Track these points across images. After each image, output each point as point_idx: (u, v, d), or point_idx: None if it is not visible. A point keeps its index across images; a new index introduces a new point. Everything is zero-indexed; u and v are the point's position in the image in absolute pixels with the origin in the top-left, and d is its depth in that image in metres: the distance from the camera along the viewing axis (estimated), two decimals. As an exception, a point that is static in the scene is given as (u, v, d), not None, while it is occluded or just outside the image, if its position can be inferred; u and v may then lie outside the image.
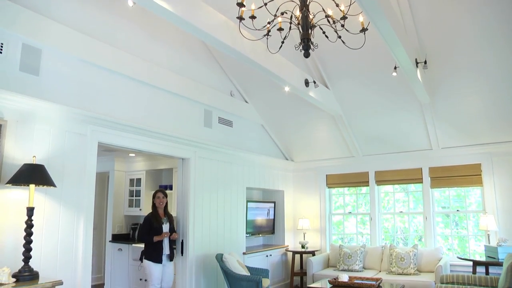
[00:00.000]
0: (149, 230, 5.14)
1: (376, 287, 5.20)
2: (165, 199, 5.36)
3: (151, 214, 5.30)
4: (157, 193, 5.39)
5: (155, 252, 5.10)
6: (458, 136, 6.37)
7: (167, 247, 5.23)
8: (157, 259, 5.08)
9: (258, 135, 7.41)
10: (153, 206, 5.36)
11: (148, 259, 5.08)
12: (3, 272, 3.09)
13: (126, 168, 7.58)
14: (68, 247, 3.93)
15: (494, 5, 4.46)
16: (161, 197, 5.33)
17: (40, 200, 3.69)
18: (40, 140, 3.78)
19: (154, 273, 5.06)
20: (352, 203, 7.82)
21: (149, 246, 5.14)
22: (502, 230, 6.10)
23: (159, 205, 5.33)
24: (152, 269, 5.06)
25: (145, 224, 5.21)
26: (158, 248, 5.11)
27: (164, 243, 5.19)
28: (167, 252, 5.21)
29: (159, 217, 5.26)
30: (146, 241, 5.14)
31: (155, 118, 5.19)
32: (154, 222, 5.18)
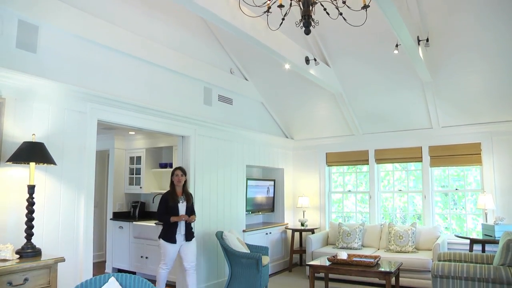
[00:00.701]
0: (165, 209, 5.00)
1: (375, 265, 5.26)
2: (183, 177, 5.15)
3: (168, 192, 5.14)
4: (175, 170, 5.17)
5: (169, 232, 4.98)
6: (459, 115, 6.35)
7: (183, 227, 5.06)
8: (170, 239, 4.96)
9: (258, 113, 7.38)
10: (171, 184, 5.17)
11: (163, 238, 5.00)
12: (7, 249, 3.13)
13: (126, 146, 7.58)
14: (69, 224, 3.97)
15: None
16: (180, 174, 5.12)
17: (41, 178, 3.70)
18: (39, 118, 3.76)
19: (167, 253, 4.97)
20: (352, 182, 7.85)
21: (165, 225, 5.05)
22: (499, 209, 6.15)
23: (177, 183, 5.13)
24: (166, 248, 4.97)
25: (162, 203, 5.07)
26: (172, 228, 4.98)
27: (180, 223, 5.04)
28: (183, 232, 5.05)
29: (175, 196, 5.09)
30: (163, 221, 5.03)
31: (155, 96, 5.16)
32: (170, 201, 5.03)
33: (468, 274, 4.24)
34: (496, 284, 4.14)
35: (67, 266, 3.75)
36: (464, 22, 4.94)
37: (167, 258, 4.98)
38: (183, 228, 5.05)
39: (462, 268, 4.29)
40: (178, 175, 5.11)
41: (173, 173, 5.16)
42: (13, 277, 2.99)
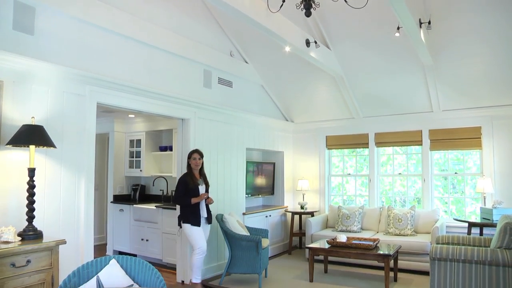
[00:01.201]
0: (185, 191, 4.88)
1: (374, 248, 5.31)
2: (201, 160, 5.07)
3: (186, 174, 5.01)
4: (193, 153, 5.06)
5: (193, 215, 4.87)
6: (460, 98, 6.32)
7: (205, 210, 5.00)
8: (195, 222, 4.86)
9: (258, 95, 7.35)
10: (188, 167, 5.07)
11: (187, 222, 4.88)
12: (9, 231, 3.16)
13: (125, 129, 7.57)
14: (70, 207, 3.99)
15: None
16: (197, 158, 5.03)
17: (41, 161, 3.71)
18: (38, 101, 3.75)
19: (197, 237, 4.86)
20: (352, 165, 7.86)
21: (186, 209, 4.91)
22: (498, 192, 6.18)
23: (194, 167, 5.04)
24: (193, 232, 4.86)
25: (181, 186, 4.93)
26: (195, 211, 4.90)
27: (202, 206, 4.97)
28: (205, 215, 5.00)
29: (195, 178, 4.99)
30: (184, 203, 4.89)
31: (154, 79, 5.13)
32: (190, 183, 4.91)
33: (466, 257, 4.27)
34: (492, 267, 4.18)
35: (69, 248, 3.78)
36: (466, 6, 4.88)
37: (200, 242, 4.87)
38: (205, 211, 5.00)
39: (460, 250, 4.32)
40: (196, 158, 5.03)
41: (190, 156, 5.07)
42: (16, 259, 3.02)
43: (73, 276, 2.59)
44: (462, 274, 4.32)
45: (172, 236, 6.07)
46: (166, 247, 6.29)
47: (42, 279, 3.20)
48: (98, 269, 2.66)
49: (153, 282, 2.61)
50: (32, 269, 3.13)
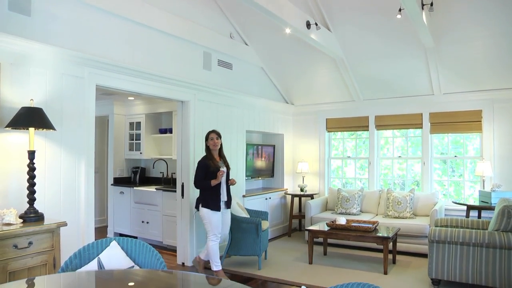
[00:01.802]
0: (204, 175, 4.73)
1: (373, 230, 5.35)
2: (219, 140, 4.87)
3: (206, 157, 4.85)
4: (210, 134, 4.89)
5: (212, 199, 4.73)
6: (461, 81, 6.28)
7: (225, 194, 4.86)
8: (215, 206, 4.73)
9: (258, 78, 7.31)
10: (207, 148, 4.91)
11: (205, 206, 4.73)
12: (11, 213, 3.18)
13: (125, 112, 7.55)
14: (70, 189, 4.00)
15: None
16: (215, 138, 4.84)
17: (41, 144, 3.70)
18: (37, 83, 3.72)
19: (213, 221, 4.73)
20: (352, 148, 7.87)
21: (206, 192, 4.77)
22: (497, 176, 6.20)
23: (213, 147, 4.86)
24: (211, 217, 4.72)
25: (201, 168, 4.77)
26: (215, 195, 4.74)
27: (222, 189, 4.82)
28: (225, 198, 4.87)
29: (215, 160, 4.82)
30: (204, 186, 4.74)
31: (154, 61, 5.09)
32: (211, 166, 4.75)
33: (464, 239, 4.32)
34: (489, 249, 4.23)
35: (70, 230, 3.81)
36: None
37: (215, 228, 4.75)
38: (225, 195, 4.87)
39: (458, 233, 4.36)
40: (213, 138, 4.85)
41: (207, 137, 4.91)
42: (18, 241, 3.05)
43: (74, 258, 2.61)
44: (460, 256, 4.37)
45: (173, 218, 6.11)
46: (166, 229, 6.34)
47: (44, 260, 3.23)
48: (99, 251, 2.68)
49: (154, 264, 2.63)
50: (34, 250, 3.16)
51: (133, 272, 2.41)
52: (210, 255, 4.81)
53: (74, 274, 2.35)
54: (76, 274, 2.35)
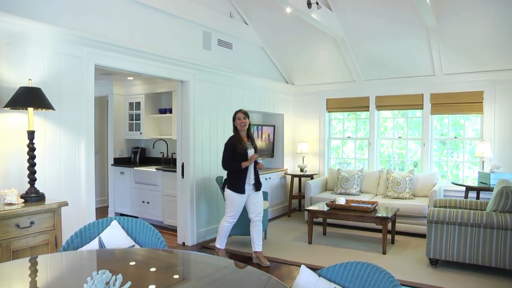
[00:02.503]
0: (232, 156, 4.61)
1: (372, 210, 5.39)
2: (247, 119, 4.70)
3: (233, 137, 4.72)
4: (237, 113, 4.73)
5: (237, 181, 4.62)
6: (463, 62, 6.23)
7: (252, 176, 4.69)
8: (239, 189, 4.60)
9: (258, 58, 7.24)
10: (234, 129, 4.77)
11: (230, 188, 4.64)
12: (12, 193, 3.20)
13: (125, 92, 7.52)
14: (71, 169, 4.01)
15: None
16: (242, 118, 4.68)
17: (40, 124, 3.70)
18: (34, 63, 3.69)
19: (235, 204, 4.66)
20: (352, 128, 7.86)
21: (233, 174, 4.65)
22: (496, 157, 6.21)
23: (241, 128, 4.70)
24: (233, 199, 4.65)
25: (228, 149, 4.65)
26: (241, 177, 4.61)
27: (249, 172, 4.66)
28: (252, 181, 4.70)
29: (243, 141, 4.67)
30: (233, 168, 4.62)
31: (153, 40, 5.03)
32: (239, 147, 4.61)
33: (462, 220, 4.35)
34: (487, 229, 4.27)
35: (71, 210, 3.83)
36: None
37: (235, 210, 4.68)
38: (252, 177, 4.71)
39: (457, 214, 4.39)
40: (240, 118, 4.70)
41: (234, 117, 4.76)
42: (20, 220, 3.07)
43: (75, 237, 2.63)
44: (457, 237, 4.41)
45: (173, 198, 6.15)
46: (166, 209, 6.38)
47: (46, 239, 3.26)
48: (100, 230, 2.71)
49: (154, 243, 2.66)
50: (36, 230, 3.19)
51: (134, 251, 2.43)
52: (219, 233, 4.79)
53: (75, 253, 2.38)
54: (78, 253, 2.38)
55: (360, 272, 1.88)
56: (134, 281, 1.81)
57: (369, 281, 1.81)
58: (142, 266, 2.16)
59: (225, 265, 2.19)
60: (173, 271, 2.14)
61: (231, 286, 1.89)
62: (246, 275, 2.05)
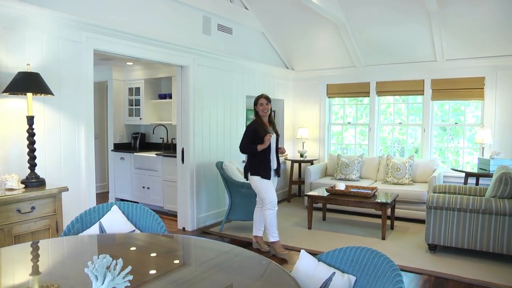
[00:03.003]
0: (251, 140, 4.50)
1: (372, 196, 5.41)
2: (269, 105, 4.59)
3: (255, 122, 4.60)
4: (259, 99, 4.61)
5: (262, 167, 4.51)
6: (464, 47, 6.18)
7: (275, 162, 4.65)
8: (265, 174, 4.51)
9: (259, 43, 7.19)
10: (256, 114, 4.65)
11: (256, 174, 4.53)
12: (12, 179, 3.20)
13: (124, 77, 7.48)
14: (71, 155, 4.01)
15: None
16: (265, 103, 4.56)
17: (39, 109, 3.68)
18: (33, 47, 3.66)
19: (268, 190, 4.53)
20: (352, 114, 7.84)
21: (255, 160, 4.54)
22: (496, 143, 6.21)
23: (262, 113, 4.58)
24: (263, 185, 4.52)
25: (249, 133, 4.54)
26: (265, 162, 4.52)
27: (272, 156, 4.59)
28: (275, 166, 4.65)
29: (265, 126, 4.57)
30: (250, 151, 4.52)
31: (152, 25, 4.99)
32: (261, 131, 4.49)
33: (461, 206, 4.37)
34: (486, 215, 4.29)
35: (71, 195, 3.85)
36: None
37: (270, 196, 4.53)
38: (275, 163, 4.66)
39: (456, 199, 4.41)
40: (263, 103, 4.58)
41: (256, 102, 4.64)
42: (21, 205, 3.09)
43: (76, 222, 2.65)
44: (456, 222, 4.43)
45: (173, 183, 6.16)
46: (167, 194, 6.40)
47: (47, 224, 3.28)
48: (100, 215, 2.72)
49: (155, 228, 2.67)
50: (37, 215, 3.20)
51: (134, 236, 2.44)
52: (268, 225, 4.58)
53: (76, 238, 2.39)
54: (79, 238, 2.39)
55: (359, 257, 1.89)
56: (134, 266, 1.82)
57: (369, 266, 1.83)
58: (142, 251, 2.18)
59: (226, 250, 2.21)
60: (173, 256, 2.16)
61: (231, 270, 1.91)
62: (247, 260, 2.07)
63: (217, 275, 1.82)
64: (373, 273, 1.79)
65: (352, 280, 1.84)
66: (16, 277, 1.80)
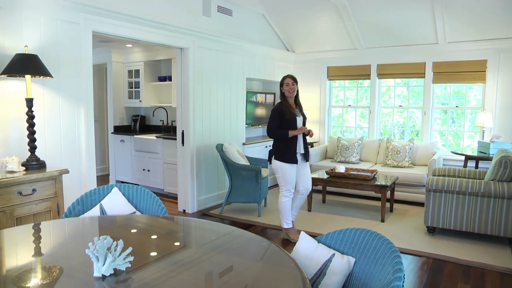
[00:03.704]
0: (279, 123, 4.34)
1: (371, 179, 5.42)
2: (295, 85, 4.41)
3: (281, 104, 4.43)
4: (285, 79, 4.44)
5: (288, 151, 4.35)
6: (467, 30, 6.11)
7: (302, 145, 4.44)
8: (291, 159, 4.35)
9: (259, 25, 7.11)
10: (282, 95, 4.47)
11: (280, 159, 4.38)
12: (13, 161, 3.21)
13: (123, 60, 7.43)
14: (71, 137, 4.01)
15: None
16: (291, 83, 4.38)
17: (38, 92, 3.67)
18: (30, 29, 3.62)
19: (288, 176, 4.40)
20: (352, 97, 7.81)
21: (280, 144, 4.39)
22: (497, 127, 6.20)
23: (289, 94, 4.40)
24: (285, 171, 4.38)
25: (275, 117, 4.36)
26: (291, 147, 4.36)
27: (299, 140, 4.41)
28: (302, 151, 4.45)
29: (292, 108, 4.40)
30: (280, 136, 4.34)
31: (151, 6, 4.92)
32: (287, 114, 4.33)
33: (460, 188, 4.38)
34: (484, 198, 4.30)
35: (72, 178, 3.86)
36: None
37: (289, 182, 4.42)
38: (302, 146, 4.45)
39: (455, 182, 4.42)
40: (289, 84, 4.40)
41: (282, 82, 4.47)
42: (22, 187, 3.10)
43: (77, 204, 2.66)
44: (455, 205, 4.45)
45: (173, 166, 6.18)
46: (167, 177, 6.42)
47: (49, 207, 3.30)
48: (101, 197, 2.73)
49: (155, 209, 2.69)
50: (38, 197, 3.22)
51: (135, 218, 2.46)
52: (281, 212, 4.53)
53: (77, 220, 2.41)
54: (80, 220, 2.41)
55: (359, 238, 1.90)
56: (135, 247, 1.84)
57: (368, 247, 1.84)
58: (143, 233, 2.19)
59: (226, 232, 2.22)
60: (174, 238, 2.17)
61: (232, 252, 1.92)
62: (247, 241, 2.08)
63: (218, 257, 1.83)
64: (373, 254, 1.80)
65: (352, 262, 1.86)
66: (19, 258, 1.82)
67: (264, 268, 1.75)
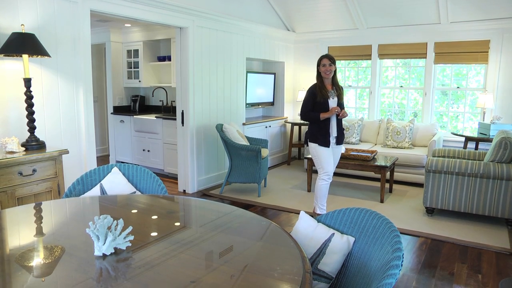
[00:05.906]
0: (312, 106, 4.28)
1: (371, 159, 5.43)
2: (332, 66, 4.26)
3: (315, 85, 4.33)
4: (322, 59, 4.30)
5: (320, 133, 4.31)
6: (470, 9, 6.02)
7: (335, 128, 4.36)
8: (324, 142, 4.30)
9: (259, 4, 7.01)
10: (318, 76, 4.35)
11: (314, 141, 4.35)
12: (12, 141, 3.20)
13: (122, 39, 7.35)
14: (70, 117, 3.99)
15: None
16: (327, 64, 4.24)
17: (36, 72, 3.64)
18: (27, 7, 3.56)
19: (324, 159, 4.33)
20: (353, 77, 7.76)
21: (313, 126, 4.36)
22: (498, 108, 6.17)
23: (325, 75, 4.27)
24: (320, 153, 4.33)
25: (308, 99, 4.31)
26: (324, 129, 4.30)
27: (332, 123, 4.33)
28: (335, 133, 4.37)
29: (324, 90, 4.28)
30: (311, 119, 4.31)
31: (149, -16, 4.85)
32: (318, 96, 4.25)
33: (460, 169, 4.39)
34: (483, 179, 4.32)
35: (72, 158, 3.86)
36: None
37: (326, 165, 4.36)
38: (335, 129, 4.37)
39: (455, 163, 4.43)
40: (325, 64, 4.26)
41: (319, 62, 4.33)
42: (22, 168, 3.10)
43: (77, 184, 2.66)
44: (454, 186, 4.47)
45: (173, 146, 6.18)
46: (167, 157, 6.43)
47: (49, 187, 3.31)
48: (101, 177, 2.74)
49: (155, 189, 2.69)
50: (39, 177, 3.23)
51: (135, 197, 2.47)
52: (317, 195, 4.48)
53: (78, 200, 2.42)
54: (81, 200, 2.41)
55: (358, 218, 1.91)
56: (135, 227, 1.85)
57: (367, 227, 1.85)
58: (143, 213, 2.20)
59: (226, 211, 2.23)
60: (174, 218, 2.18)
61: (232, 231, 1.94)
62: (247, 221, 2.09)
63: (218, 236, 1.85)
64: (372, 234, 1.81)
65: (351, 241, 1.87)
66: (22, 238, 1.83)
67: (264, 248, 1.76)
